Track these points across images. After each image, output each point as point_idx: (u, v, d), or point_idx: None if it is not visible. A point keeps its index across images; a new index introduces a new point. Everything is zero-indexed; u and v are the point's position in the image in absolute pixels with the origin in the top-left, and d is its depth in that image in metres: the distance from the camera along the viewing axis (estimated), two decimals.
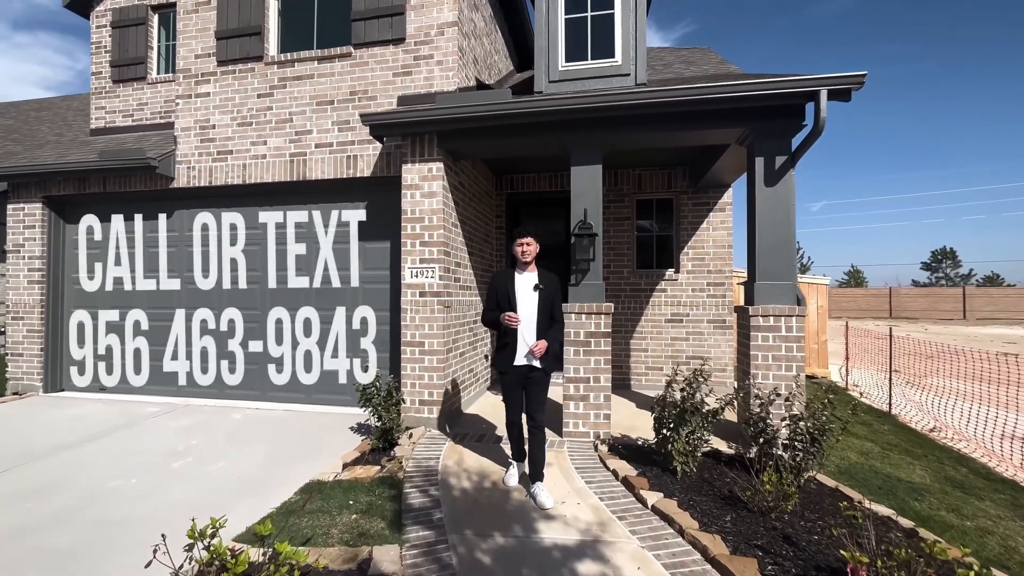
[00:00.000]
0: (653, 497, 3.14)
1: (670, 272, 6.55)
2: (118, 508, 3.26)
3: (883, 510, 3.25)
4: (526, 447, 3.53)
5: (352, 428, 4.81)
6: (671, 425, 3.51)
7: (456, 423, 4.94)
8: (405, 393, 4.77)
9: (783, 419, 3.52)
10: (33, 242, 6.33)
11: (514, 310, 3.32)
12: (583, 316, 4.39)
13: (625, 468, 3.64)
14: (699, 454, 3.54)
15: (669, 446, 3.47)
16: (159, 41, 7.14)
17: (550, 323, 3.38)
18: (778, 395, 3.72)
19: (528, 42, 8.37)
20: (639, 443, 4.30)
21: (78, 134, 9.08)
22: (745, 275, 9.76)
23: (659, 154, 6.05)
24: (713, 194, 6.42)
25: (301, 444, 4.44)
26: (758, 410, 3.57)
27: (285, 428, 4.89)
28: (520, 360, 3.34)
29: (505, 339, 3.38)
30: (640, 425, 4.85)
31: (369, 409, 4.15)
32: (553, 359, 3.40)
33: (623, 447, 4.19)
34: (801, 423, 3.30)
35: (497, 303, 3.41)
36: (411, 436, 4.21)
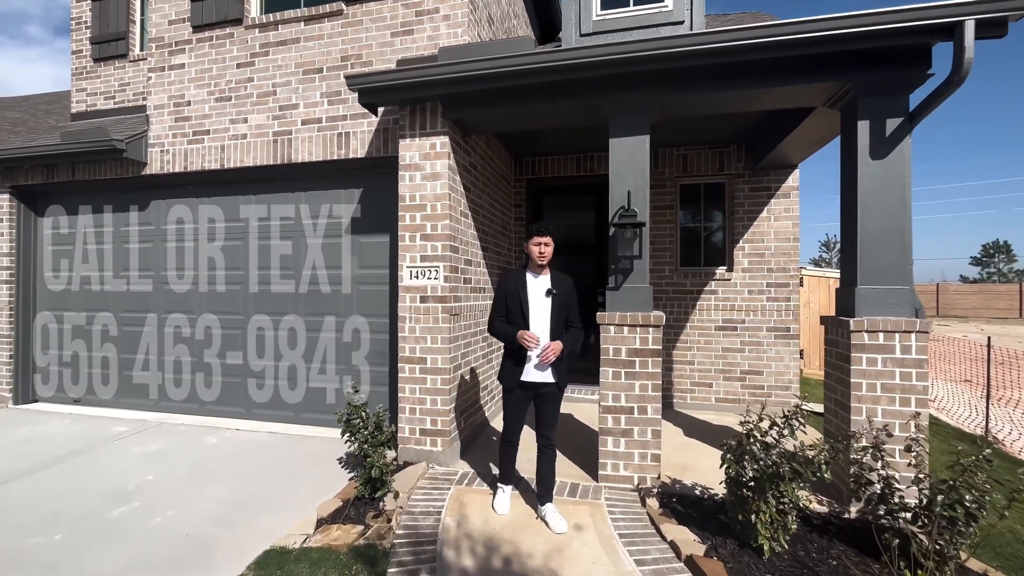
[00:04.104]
0: None
1: (721, 271, 5.52)
2: None
3: None
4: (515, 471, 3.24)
5: (340, 460, 3.97)
6: (752, 486, 2.54)
7: (465, 454, 4.06)
8: (403, 420, 3.90)
9: (916, 480, 2.51)
10: (1, 237, 5.68)
11: (526, 318, 2.96)
12: (625, 329, 3.44)
13: (687, 540, 2.69)
14: (793, 526, 2.56)
15: (752, 516, 2.50)
16: (141, 14, 6.43)
17: (565, 331, 3.03)
18: (889, 435, 2.69)
19: (552, 8, 7.38)
20: (698, 493, 3.34)
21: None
22: (812, 273, 8.61)
23: (711, 128, 5.01)
24: (775, 176, 5.35)
25: (275, 482, 3.62)
26: (878, 465, 2.57)
27: (261, 458, 4.08)
28: (531, 375, 2.96)
29: (513, 348, 3.00)
30: (693, 463, 3.88)
31: (354, 445, 3.29)
32: (566, 371, 3.06)
33: (678, 500, 3.23)
34: (953, 492, 2.29)
35: (507, 309, 3.04)
36: (394, 491, 3.32)
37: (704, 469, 3.74)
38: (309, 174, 4.79)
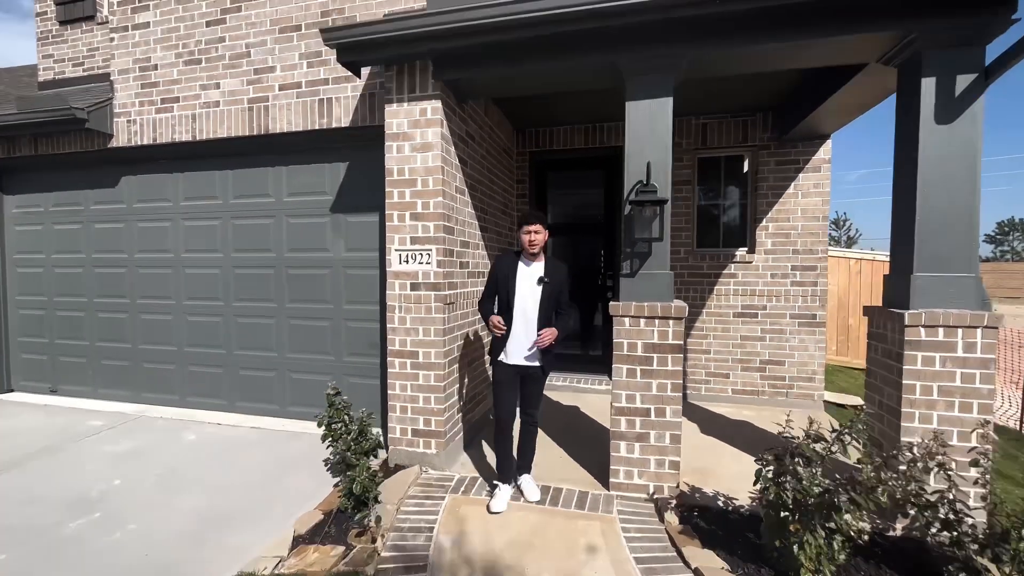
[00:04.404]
0: None
1: (742, 252, 5.07)
2: None
3: None
4: (513, 463, 3.15)
5: (325, 462, 3.62)
6: (797, 516, 2.16)
7: (462, 456, 3.72)
8: (394, 420, 3.55)
9: (990, 506, 2.14)
10: None
11: (511, 305, 3.01)
12: (641, 321, 3.03)
13: (714, 568, 2.34)
14: (842, 556, 2.19)
15: (796, 549, 2.13)
16: None
17: (555, 316, 3.03)
18: (944, 445, 2.30)
19: None
20: (721, 505, 2.98)
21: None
22: (831, 254, 8.08)
23: (735, 93, 4.49)
24: (804, 148, 4.84)
25: (253, 489, 3.28)
26: (944, 486, 2.19)
27: (241, 459, 3.75)
28: (513, 357, 3.03)
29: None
30: (713, 467, 3.52)
31: (335, 451, 2.94)
32: (554, 357, 3.10)
33: (699, 514, 2.88)
34: None
35: (496, 291, 3.10)
36: (381, 504, 2.97)
37: (726, 474, 3.39)
38: (289, 146, 4.33)
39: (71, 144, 4.86)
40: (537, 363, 3.01)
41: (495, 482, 3.12)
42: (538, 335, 2.92)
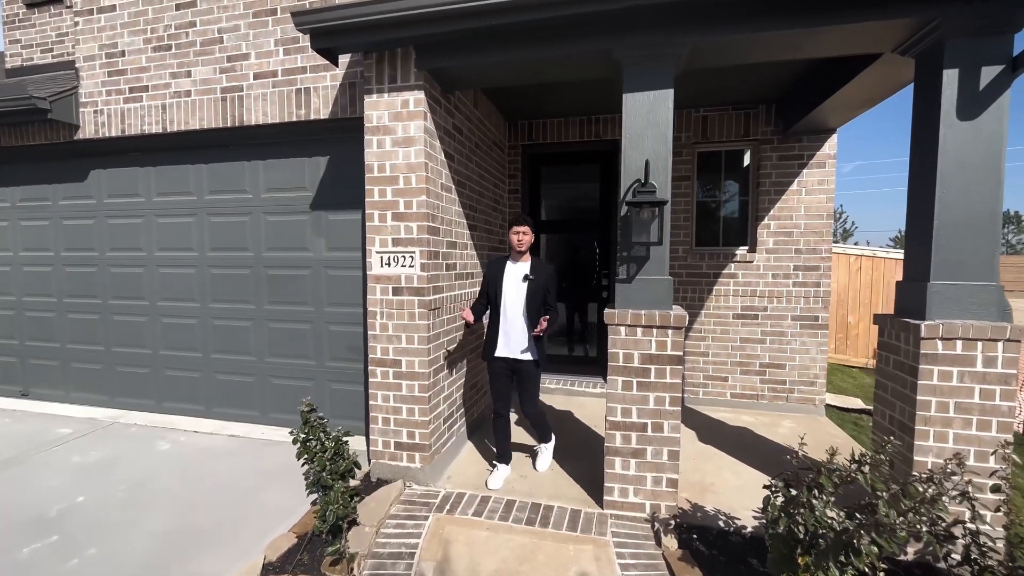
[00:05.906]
0: None
1: (742, 251, 4.88)
2: None
3: None
4: (509, 446, 3.41)
5: (305, 475, 3.43)
6: (809, 549, 1.98)
7: (448, 468, 3.53)
8: (376, 432, 3.35)
9: (1007, 528, 1.97)
10: None
11: (499, 303, 3.23)
12: (638, 331, 2.83)
13: None
14: None
15: None
16: None
17: (543, 314, 3.12)
18: (961, 464, 2.11)
19: None
20: (722, 526, 2.82)
21: None
22: (841, 251, 7.88)
23: (738, 84, 4.26)
24: (809, 143, 4.63)
25: (225, 506, 3.09)
26: (961, 510, 2.02)
27: (216, 471, 3.55)
28: (501, 351, 3.24)
29: (490, 326, 3.30)
30: (712, 480, 3.35)
31: (311, 469, 2.74)
32: (545, 350, 3.29)
33: (699, 536, 2.71)
34: None
35: (487, 292, 3.31)
36: (359, 525, 2.78)
37: (726, 489, 3.22)
38: (266, 139, 4.07)
39: (36, 136, 4.58)
40: (529, 356, 3.18)
41: (494, 462, 3.42)
42: (537, 327, 3.08)
